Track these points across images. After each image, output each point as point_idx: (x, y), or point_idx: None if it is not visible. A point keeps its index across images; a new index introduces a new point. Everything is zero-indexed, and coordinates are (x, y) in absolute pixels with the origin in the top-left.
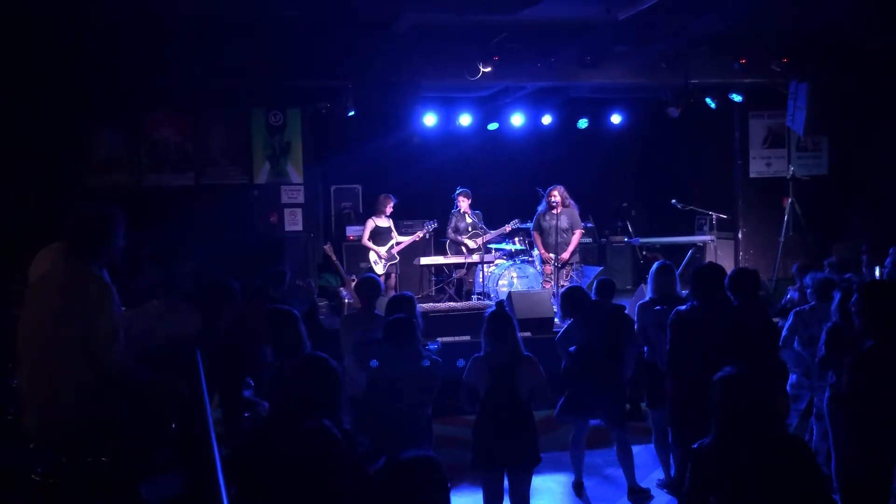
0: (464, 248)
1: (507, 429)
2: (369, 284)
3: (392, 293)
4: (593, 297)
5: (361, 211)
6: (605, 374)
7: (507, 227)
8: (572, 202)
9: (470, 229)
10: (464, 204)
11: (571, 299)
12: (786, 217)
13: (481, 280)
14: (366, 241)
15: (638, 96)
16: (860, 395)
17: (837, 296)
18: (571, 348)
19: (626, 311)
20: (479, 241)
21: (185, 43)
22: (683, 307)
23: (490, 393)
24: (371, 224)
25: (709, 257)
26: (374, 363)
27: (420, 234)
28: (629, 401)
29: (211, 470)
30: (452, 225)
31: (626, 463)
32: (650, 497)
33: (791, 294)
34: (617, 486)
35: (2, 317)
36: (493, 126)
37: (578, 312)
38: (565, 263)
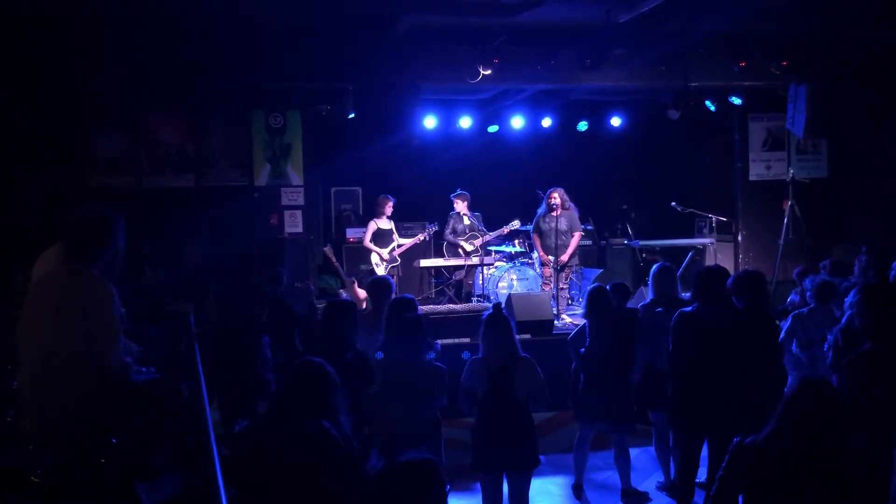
0: (460, 251)
1: (505, 431)
2: (380, 285)
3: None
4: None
5: (361, 213)
6: (609, 377)
7: (506, 229)
8: (572, 204)
9: (468, 231)
10: (462, 206)
11: (590, 298)
12: (785, 220)
13: (481, 282)
14: (367, 243)
15: (638, 99)
16: (859, 396)
17: (850, 298)
18: (581, 350)
19: (638, 316)
20: (477, 242)
21: (186, 44)
22: (686, 309)
23: (488, 395)
24: (373, 226)
25: (708, 260)
26: (379, 355)
27: (421, 236)
28: (636, 405)
29: (211, 471)
30: (450, 227)
31: (623, 466)
32: (647, 499)
33: (792, 297)
34: (616, 489)
35: (2, 317)
36: (493, 128)
37: (593, 313)
38: (564, 266)
